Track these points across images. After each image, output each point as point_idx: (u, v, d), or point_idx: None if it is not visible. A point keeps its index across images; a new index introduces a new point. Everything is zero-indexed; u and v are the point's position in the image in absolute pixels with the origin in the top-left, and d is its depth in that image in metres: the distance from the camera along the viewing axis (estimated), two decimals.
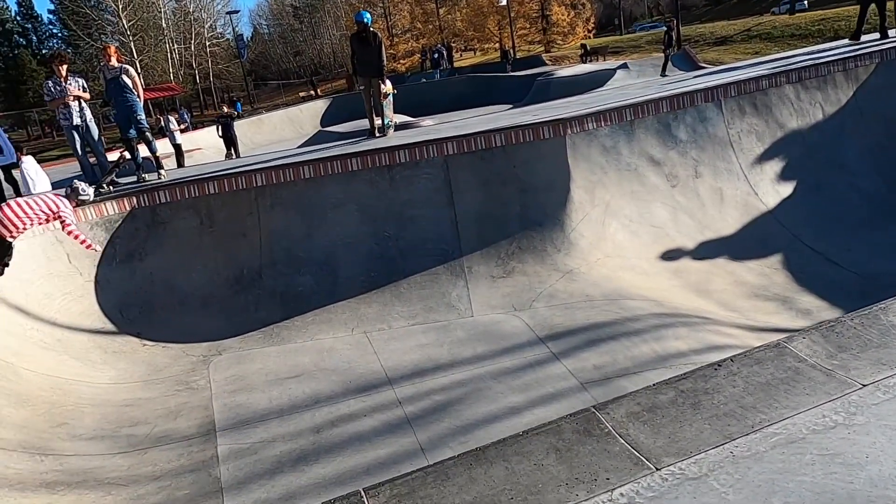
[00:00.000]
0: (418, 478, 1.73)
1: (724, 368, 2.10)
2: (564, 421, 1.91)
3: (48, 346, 6.66)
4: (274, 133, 28.36)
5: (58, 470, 4.81)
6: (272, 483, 4.59)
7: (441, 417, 5.16)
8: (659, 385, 2.06)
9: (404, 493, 1.69)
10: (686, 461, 1.70)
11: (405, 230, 8.25)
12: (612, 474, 1.69)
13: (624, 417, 1.91)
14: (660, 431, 1.84)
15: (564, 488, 1.63)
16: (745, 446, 1.75)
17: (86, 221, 8.01)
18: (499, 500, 1.61)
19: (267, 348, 7.02)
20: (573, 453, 1.76)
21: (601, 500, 1.59)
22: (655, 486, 1.62)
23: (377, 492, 1.71)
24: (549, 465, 1.72)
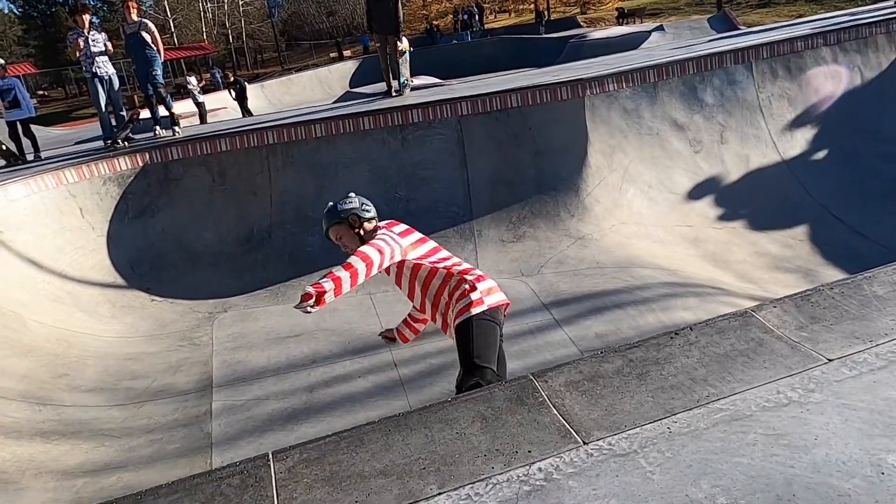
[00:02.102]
0: (331, 442, 1.63)
1: (682, 337, 1.94)
2: (498, 388, 1.78)
3: (58, 299, 6.75)
4: (303, 94, 28.20)
5: (55, 420, 4.88)
6: (260, 440, 4.59)
7: (435, 381, 5.08)
8: (606, 353, 1.91)
9: (313, 459, 1.60)
10: (617, 436, 1.56)
11: (416, 191, 8.11)
12: (536, 447, 1.57)
13: (562, 386, 1.78)
14: (597, 403, 1.71)
15: (481, 460, 1.52)
16: (685, 422, 1.60)
17: (99, 177, 8.05)
18: (410, 469, 1.50)
19: (271, 307, 7.01)
20: (500, 423, 1.64)
21: (517, 475, 1.47)
22: (578, 462, 1.49)
23: (285, 455, 1.62)
24: (472, 434, 1.60)
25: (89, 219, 7.78)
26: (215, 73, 34.58)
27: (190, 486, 1.56)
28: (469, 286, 3.06)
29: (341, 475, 1.52)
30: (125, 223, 7.94)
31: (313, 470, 1.55)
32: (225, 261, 7.81)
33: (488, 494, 1.40)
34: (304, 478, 1.53)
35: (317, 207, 8.11)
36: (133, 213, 8.05)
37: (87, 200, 7.86)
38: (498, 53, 28.84)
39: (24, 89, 9.42)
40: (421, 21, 51.09)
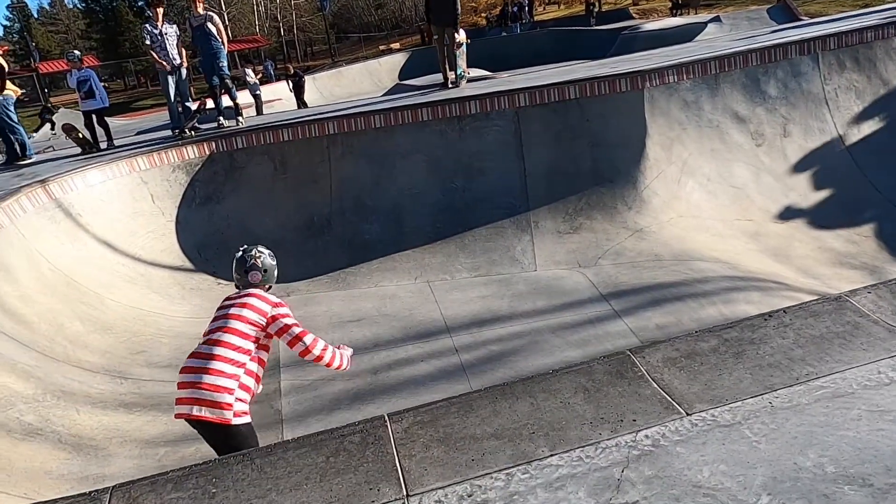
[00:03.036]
0: (442, 407, 1.74)
1: (775, 319, 1.98)
2: (596, 362, 1.86)
3: (132, 280, 7.07)
4: (353, 86, 28.53)
5: (135, 392, 5.16)
6: (329, 419, 4.76)
7: (495, 367, 5.17)
8: (701, 332, 1.97)
9: (427, 421, 1.70)
10: (720, 408, 1.63)
11: (473, 182, 8.20)
12: (640, 416, 1.64)
13: (660, 362, 1.85)
14: (696, 378, 1.77)
15: (588, 426, 1.60)
16: (787, 398, 1.65)
17: (168, 164, 8.38)
18: (520, 433, 1.60)
19: (332, 292, 7.21)
20: (602, 394, 1.72)
21: (625, 441, 1.55)
22: (683, 431, 1.57)
23: (400, 417, 1.73)
24: (576, 403, 1.69)
25: (159, 204, 8.11)
26: (268, 65, 35.28)
27: (315, 441, 1.69)
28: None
29: (455, 436, 1.63)
30: (193, 209, 8.25)
31: (428, 431, 1.66)
32: (287, 247, 7.99)
33: (599, 457, 1.48)
34: (419, 438, 1.64)
35: (374, 196, 8.33)
36: (200, 200, 8.35)
37: (157, 187, 8.19)
38: (547, 46, 28.61)
39: (98, 80, 9.84)
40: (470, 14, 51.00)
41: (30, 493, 3.81)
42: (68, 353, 5.34)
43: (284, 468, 1.61)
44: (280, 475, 1.59)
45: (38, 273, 6.09)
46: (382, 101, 10.58)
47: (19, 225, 6.32)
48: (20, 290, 5.68)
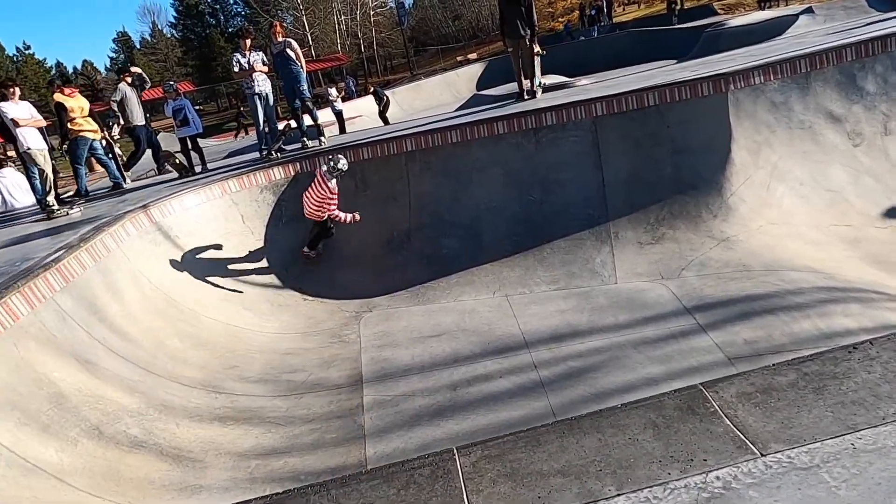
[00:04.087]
0: (509, 441, 1.76)
1: (861, 352, 1.88)
2: (667, 396, 1.82)
3: (226, 298, 7.47)
4: (432, 98, 28.98)
5: (229, 406, 5.44)
6: (410, 434, 4.85)
7: (575, 384, 5.12)
8: (779, 366, 1.89)
9: (494, 455, 1.73)
10: (797, 449, 1.56)
11: (550, 194, 8.16)
12: (711, 456, 1.60)
13: (734, 397, 1.79)
14: (772, 416, 1.70)
15: (657, 465, 1.58)
16: (871, 439, 1.56)
17: (257, 186, 8.81)
18: (587, 470, 1.60)
19: (413, 307, 7.34)
20: (672, 430, 1.69)
21: (694, 482, 1.52)
22: (757, 473, 1.51)
23: (469, 451, 1.76)
24: (645, 440, 1.67)
25: (249, 224, 8.54)
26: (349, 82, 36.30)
27: (387, 473, 1.75)
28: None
29: (522, 472, 1.65)
30: (279, 228, 8.63)
31: (495, 465, 1.69)
32: (368, 263, 8.27)
33: (667, 499, 1.47)
34: (487, 472, 1.67)
35: (453, 211, 8.43)
36: (286, 219, 8.72)
37: (247, 207, 8.63)
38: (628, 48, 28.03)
39: (192, 109, 10.47)
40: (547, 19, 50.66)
41: (134, 501, 4.10)
42: (168, 368, 5.71)
43: (357, 499, 1.68)
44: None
45: (141, 293, 6.54)
46: (459, 116, 10.69)
47: (124, 248, 6.81)
48: (126, 310, 6.12)
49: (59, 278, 5.50)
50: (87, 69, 71.79)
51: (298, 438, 5.01)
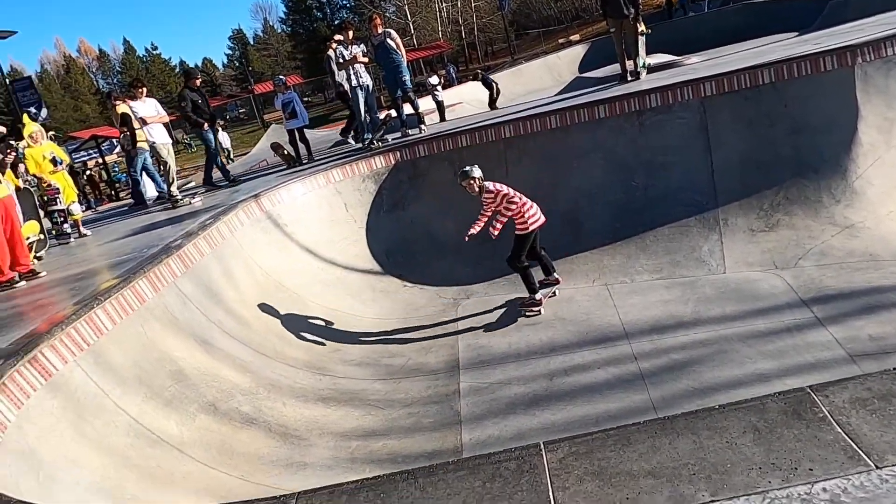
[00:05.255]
0: (598, 439, 1.72)
1: None
2: (770, 399, 1.71)
3: (330, 284, 7.76)
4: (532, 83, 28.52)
5: (332, 388, 5.67)
6: (505, 422, 4.86)
7: (678, 377, 4.93)
8: None
9: (582, 452, 1.70)
10: None
11: (654, 179, 7.85)
12: (818, 465, 1.49)
13: (846, 403, 1.65)
14: (891, 425, 1.55)
15: (756, 472, 1.49)
16: None
17: (359, 175, 9.06)
18: (679, 473, 1.53)
19: (510, 295, 7.32)
20: (775, 436, 1.58)
21: (798, 492, 1.42)
22: (871, 486, 1.39)
23: (556, 447, 1.74)
24: (744, 444, 1.58)
25: (352, 212, 8.81)
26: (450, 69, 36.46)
27: (473, 465, 1.76)
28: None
29: (610, 471, 1.61)
30: (381, 216, 8.84)
31: (583, 463, 1.66)
32: (466, 249, 8.27)
33: None
34: (574, 469, 1.64)
35: (551, 198, 8.27)
36: (387, 207, 8.93)
37: (350, 196, 8.90)
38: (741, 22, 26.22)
39: (300, 102, 10.92)
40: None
41: (246, 475, 4.36)
42: (277, 350, 6.02)
43: (444, 489, 1.70)
44: (440, 496, 1.69)
45: (254, 279, 6.92)
46: (558, 101, 10.48)
47: (238, 236, 7.22)
48: (240, 295, 6.50)
49: (180, 264, 5.91)
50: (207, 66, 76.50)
51: (397, 422, 5.15)
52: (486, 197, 6.59)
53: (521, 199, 6.55)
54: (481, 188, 6.60)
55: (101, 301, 4.74)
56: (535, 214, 6.56)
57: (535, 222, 6.57)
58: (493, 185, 6.59)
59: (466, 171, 6.60)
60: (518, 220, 6.58)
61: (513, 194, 6.56)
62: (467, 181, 6.61)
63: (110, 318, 4.70)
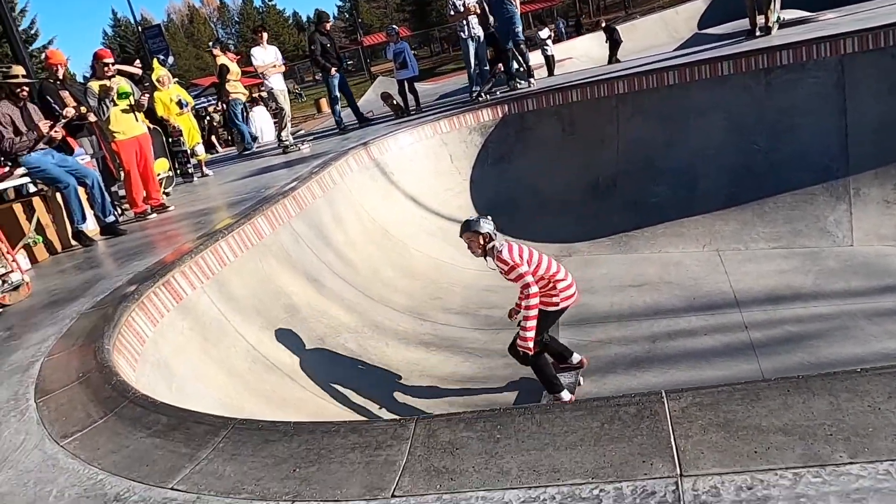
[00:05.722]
0: (724, 392, 1.67)
1: None
2: None
3: (432, 233, 7.88)
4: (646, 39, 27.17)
5: (432, 334, 5.81)
6: (604, 381, 4.82)
7: (792, 350, 4.68)
8: None
9: (707, 404, 1.66)
10: None
11: (779, 142, 7.35)
12: None
13: None
14: None
15: None
16: None
17: (466, 127, 9.05)
18: (814, 432, 1.47)
19: (614, 255, 7.17)
20: None
21: None
22: None
23: (678, 396, 1.71)
24: (889, 410, 1.48)
25: (457, 164, 8.84)
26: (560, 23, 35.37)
27: (591, 406, 1.77)
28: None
29: (737, 424, 1.56)
30: (485, 169, 8.83)
31: (707, 414, 1.62)
32: (571, 207, 8.17)
33: None
34: (697, 419, 1.61)
35: (665, 158, 7.97)
36: (492, 160, 8.89)
37: (455, 148, 8.93)
38: None
39: (410, 52, 10.97)
40: None
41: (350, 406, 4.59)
42: (382, 294, 6.21)
43: (561, 427, 1.72)
44: (557, 433, 1.71)
45: (362, 225, 7.14)
46: (677, 56, 9.96)
47: (347, 181, 7.44)
48: (348, 238, 6.73)
49: (294, 205, 6.18)
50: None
51: (494, 371, 5.22)
52: (499, 265, 4.44)
53: (549, 271, 4.44)
54: (488, 250, 4.41)
55: (225, 234, 5.06)
56: (568, 288, 4.46)
57: (568, 298, 4.48)
58: (508, 250, 4.36)
59: (469, 223, 4.46)
60: (544, 297, 4.45)
61: (534, 267, 4.39)
62: (467, 235, 4.49)
63: (232, 251, 5.00)
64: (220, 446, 2.05)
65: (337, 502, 1.67)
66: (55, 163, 6.00)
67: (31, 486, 2.11)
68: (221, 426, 2.17)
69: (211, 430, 2.15)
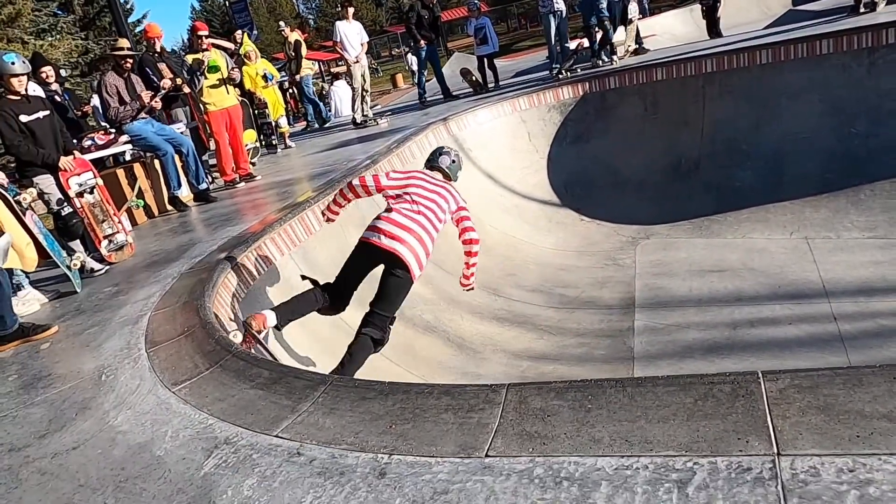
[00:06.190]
0: (825, 376, 1.65)
1: None
2: None
3: (508, 210, 7.90)
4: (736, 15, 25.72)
5: (505, 309, 5.87)
6: (680, 365, 4.76)
7: (885, 344, 4.49)
8: None
9: (805, 387, 1.64)
10: None
11: (881, 126, 6.95)
12: None
13: None
14: None
15: None
16: None
17: (545, 104, 8.96)
18: None
19: (694, 239, 7.00)
20: None
21: None
22: None
23: (776, 377, 1.69)
24: None
25: (535, 142, 8.79)
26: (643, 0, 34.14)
27: (684, 382, 1.78)
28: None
29: (837, 408, 1.55)
30: (563, 147, 8.74)
31: (805, 396, 1.61)
32: (650, 189, 8.00)
33: None
34: (796, 401, 1.60)
35: (752, 140, 7.69)
36: (570, 139, 8.79)
37: (534, 126, 8.87)
38: None
39: (492, 28, 10.90)
40: None
41: (426, 376, 4.71)
42: (457, 267, 6.27)
43: (654, 401, 1.75)
44: (649, 406, 1.73)
45: None
46: (769, 34, 9.50)
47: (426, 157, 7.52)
48: None
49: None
50: None
51: (567, 350, 5.24)
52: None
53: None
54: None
55: (311, 204, 5.24)
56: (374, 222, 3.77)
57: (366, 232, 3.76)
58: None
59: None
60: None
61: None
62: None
63: (318, 221, 5.18)
64: (320, 400, 2.18)
65: (433, 458, 1.76)
66: (155, 131, 6.35)
67: (148, 426, 2.31)
68: (320, 382, 2.30)
69: (310, 385, 2.29)
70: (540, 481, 1.58)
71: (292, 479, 1.82)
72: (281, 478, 1.84)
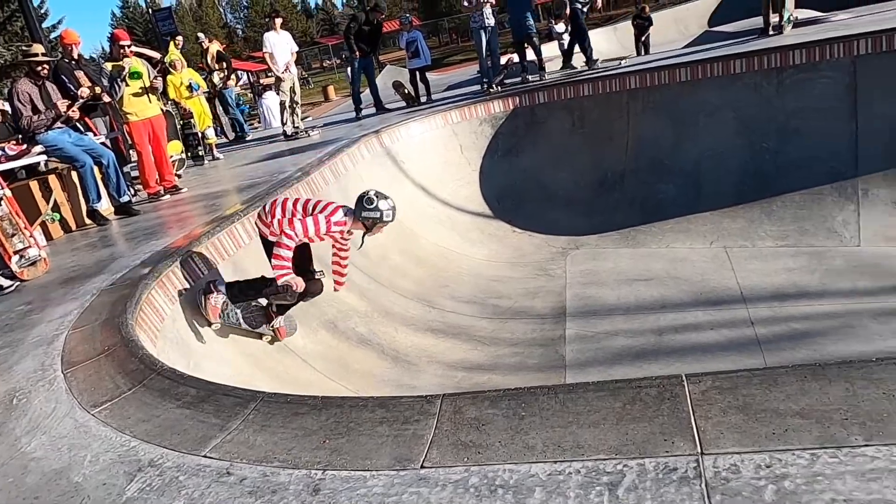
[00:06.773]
0: (743, 377, 1.73)
1: None
2: None
3: (440, 222, 7.94)
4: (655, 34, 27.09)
5: (440, 321, 5.88)
6: (610, 371, 4.89)
7: (796, 346, 4.75)
8: None
9: (726, 388, 1.72)
10: None
11: (788, 143, 7.40)
12: None
13: None
14: None
15: None
16: None
17: (476, 118, 9.08)
18: (830, 417, 1.53)
19: (621, 249, 7.23)
20: None
21: None
22: None
23: (699, 380, 1.77)
24: None
25: (466, 155, 8.89)
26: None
27: (613, 387, 1.84)
28: None
29: (755, 408, 1.63)
30: (495, 160, 8.88)
31: (726, 397, 1.69)
32: (578, 201, 8.23)
33: None
34: (717, 402, 1.68)
35: (673, 156, 8.02)
36: (502, 152, 8.94)
37: (465, 139, 8.97)
38: None
39: (423, 42, 10.98)
40: None
41: (360, 389, 4.65)
42: (391, 279, 6.28)
43: (584, 406, 1.79)
44: (580, 411, 1.77)
45: None
46: (689, 53, 9.98)
47: (359, 169, 7.49)
48: None
49: (307, 190, 6.23)
50: (327, 4, 77.78)
51: (502, 359, 5.29)
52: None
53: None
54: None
55: (240, 217, 5.12)
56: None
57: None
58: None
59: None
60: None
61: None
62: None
63: (247, 234, 5.06)
64: (250, 417, 2.12)
65: (368, 471, 1.74)
66: (72, 141, 6.06)
67: (65, 451, 2.18)
68: (250, 398, 2.24)
69: (240, 403, 2.22)
70: (475, 490, 1.59)
71: (221, 499, 1.76)
72: (210, 499, 1.78)
